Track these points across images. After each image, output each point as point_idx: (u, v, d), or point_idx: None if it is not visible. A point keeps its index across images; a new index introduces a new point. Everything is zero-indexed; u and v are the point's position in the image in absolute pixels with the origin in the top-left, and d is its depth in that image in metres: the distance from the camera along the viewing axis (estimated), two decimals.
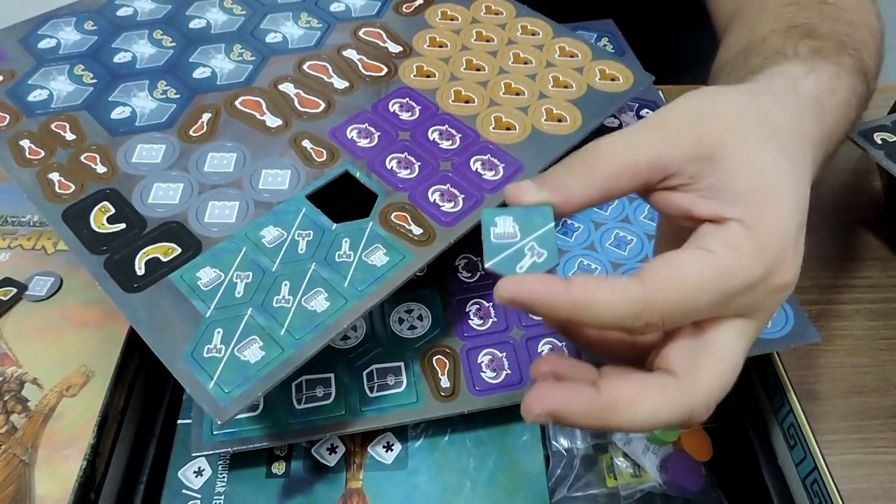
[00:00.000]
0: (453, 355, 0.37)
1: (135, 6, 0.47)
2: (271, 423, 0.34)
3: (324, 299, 0.31)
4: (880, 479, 0.41)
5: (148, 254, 0.34)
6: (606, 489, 0.38)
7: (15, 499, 0.36)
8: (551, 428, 0.38)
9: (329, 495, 0.35)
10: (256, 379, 0.29)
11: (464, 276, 0.41)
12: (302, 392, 0.36)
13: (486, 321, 0.39)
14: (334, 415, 0.35)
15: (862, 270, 0.51)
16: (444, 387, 0.36)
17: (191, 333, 0.31)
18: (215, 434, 0.34)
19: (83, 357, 0.41)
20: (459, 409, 0.35)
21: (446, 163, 0.37)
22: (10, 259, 0.46)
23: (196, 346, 0.30)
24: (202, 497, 0.35)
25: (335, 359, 0.37)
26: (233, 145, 0.38)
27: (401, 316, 0.39)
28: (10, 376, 0.40)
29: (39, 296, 0.44)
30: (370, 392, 0.36)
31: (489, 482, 0.36)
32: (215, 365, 0.30)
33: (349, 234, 0.34)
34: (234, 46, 0.44)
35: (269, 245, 0.34)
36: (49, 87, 0.42)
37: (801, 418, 0.34)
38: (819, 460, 0.33)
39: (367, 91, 0.41)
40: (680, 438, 0.38)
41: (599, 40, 0.55)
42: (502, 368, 0.37)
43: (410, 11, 0.47)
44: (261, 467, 0.36)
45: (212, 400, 0.28)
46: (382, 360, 0.37)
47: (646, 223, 0.43)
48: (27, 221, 0.49)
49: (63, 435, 0.38)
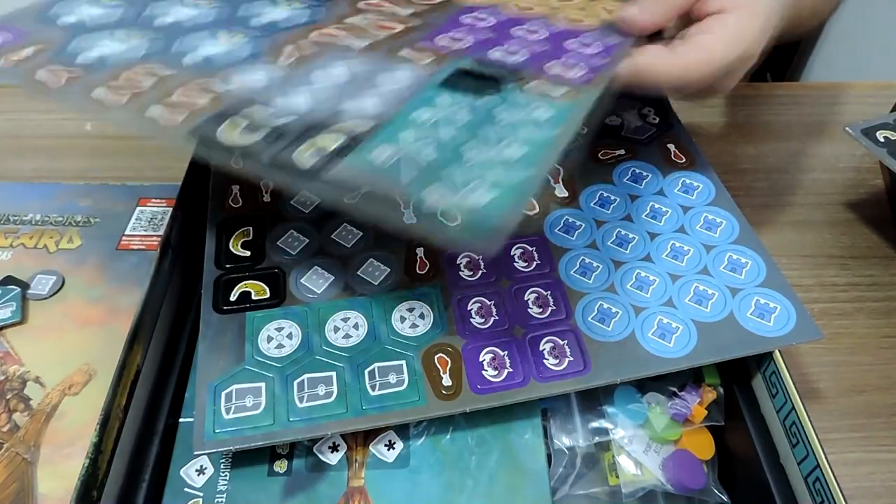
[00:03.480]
0: (455, 354, 0.37)
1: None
2: (273, 421, 0.34)
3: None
4: (882, 478, 0.41)
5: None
6: (608, 487, 0.38)
7: (17, 497, 0.36)
8: (553, 427, 0.38)
9: (331, 494, 0.35)
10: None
11: (465, 275, 0.41)
12: (304, 390, 0.36)
13: (488, 319, 0.38)
14: (336, 413, 0.35)
15: (864, 269, 0.51)
16: (445, 385, 0.36)
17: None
18: (217, 433, 0.34)
19: (85, 356, 0.41)
20: (461, 408, 0.35)
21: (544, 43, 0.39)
22: (12, 258, 0.47)
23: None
24: (204, 495, 0.35)
25: (336, 357, 0.37)
26: (336, 63, 0.37)
27: (402, 314, 0.39)
28: (13, 375, 0.40)
29: (41, 294, 0.44)
30: (372, 391, 0.35)
31: (491, 480, 0.36)
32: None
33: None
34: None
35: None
36: (99, 49, 0.37)
37: (802, 416, 0.34)
38: (821, 458, 0.33)
39: (434, 13, 0.42)
40: (682, 437, 0.38)
41: None
42: (504, 367, 0.36)
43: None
44: (263, 466, 0.36)
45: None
46: (384, 358, 0.37)
47: (647, 221, 0.43)
48: (29, 220, 0.49)
49: (65, 433, 0.38)
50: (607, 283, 0.40)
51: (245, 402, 0.35)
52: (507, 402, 0.35)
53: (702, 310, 0.38)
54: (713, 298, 0.39)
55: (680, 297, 0.39)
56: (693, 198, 0.44)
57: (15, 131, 0.60)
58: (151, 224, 0.49)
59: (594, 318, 0.38)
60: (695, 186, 0.45)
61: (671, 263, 0.41)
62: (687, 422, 0.38)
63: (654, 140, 0.48)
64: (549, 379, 0.36)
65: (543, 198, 0.44)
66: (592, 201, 0.44)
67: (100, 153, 0.59)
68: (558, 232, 0.42)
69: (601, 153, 0.47)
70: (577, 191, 0.45)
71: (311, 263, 0.41)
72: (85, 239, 0.48)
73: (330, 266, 0.41)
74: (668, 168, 0.46)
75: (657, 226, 0.43)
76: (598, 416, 0.39)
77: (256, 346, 0.37)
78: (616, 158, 0.47)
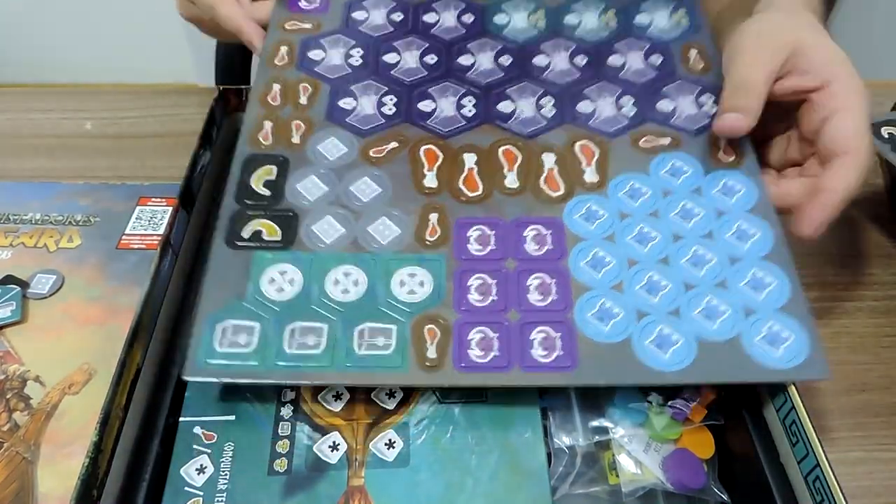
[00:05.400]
0: (445, 327, 0.37)
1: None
2: (260, 362, 0.35)
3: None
4: (882, 477, 0.41)
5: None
6: (608, 486, 0.38)
7: (18, 496, 0.36)
8: (553, 426, 0.38)
9: (331, 493, 0.35)
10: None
11: (474, 248, 0.40)
12: (295, 337, 0.36)
13: (486, 298, 0.38)
14: (320, 365, 0.35)
15: (865, 267, 0.51)
16: (429, 357, 0.36)
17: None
18: (208, 363, 0.35)
19: (85, 355, 0.41)
20: (440, 382, 0.35)
21: None
22: (12, 257, 0.47)
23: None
24: (204, 494, 0.35)
25: (332, 310, 0.37)
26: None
27: (402, 279, 0.38)
28: (13, 374, 0.41)
29: (41, 294, 0.44)
30: (358, 349, 0.36)
31: (491, 479, 0.36)
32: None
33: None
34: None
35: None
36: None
37: (802, 415, 0.34)
38: (821, 458, 0.33)
39: None
40: (682, 436, 0.38)
41: (675, 12, 0.52)
42: (490, 349, 0.36)
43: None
44: (263, 464, 0.36)
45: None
46: (376, 319, 0.37)
47: (675, 221, 0.40)
48: (29, 219, 0.49)
49: (65, 432, 0.38)
50: (615, 280, 0.38)
51: (238, 338, 0.36)
52: (487, 385, 0.36)
53: (708, 326, 0.36)
54: (724, 316, 0.36)
55: (689, 309, 0.37)
56: (731, 201, 0.41)
57: (15, 131, 0.60)
58: (151, 223, 0.49)
59: (593, 316, 0.37)
60: (736, 189, 0.41)
61: (689, 271, 0.38)
62: (687, 421, 0.38)
63: (704, 132, 0.44)
64: (533, 369, 0.35)
65: (570, 179, 0.43)
66: (622, 191, 0.42)
67: (100, 153, 0.59)
68: (577, 218, 0.41)
69: (643, 139, 0.44)
70: (607, 177, 0.42)
71: (326, 212, 0.41)
72: (85, 238, 0.48)
73: (343, 217, 0.41)
74: (712, 165, 0.43)
75: (684, 227, 0.40)
76: (598, 415, 0.39)
77: (258, 285, 0.38)
78: (658, 147, 0.44)
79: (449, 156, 0.44)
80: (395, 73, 0.48)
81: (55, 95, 0.64)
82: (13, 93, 0.64)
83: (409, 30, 0.51)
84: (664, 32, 0.50)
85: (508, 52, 0.50)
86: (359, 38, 0.50)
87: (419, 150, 0.44)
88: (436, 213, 0.41)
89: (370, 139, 0.44)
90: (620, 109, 0.46)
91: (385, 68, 0.48)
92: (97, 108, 0.62)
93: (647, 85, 0.47)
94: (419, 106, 0.46)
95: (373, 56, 0.49)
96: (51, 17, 1.67)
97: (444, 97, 0.47)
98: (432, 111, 0.46)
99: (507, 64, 0.49)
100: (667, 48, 0.49)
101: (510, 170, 0.43)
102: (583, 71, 0.49)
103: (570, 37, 0.51)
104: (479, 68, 0.49)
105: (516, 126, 0.45)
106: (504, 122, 0.46)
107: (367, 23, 0.51)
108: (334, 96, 0.47)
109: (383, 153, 0.44)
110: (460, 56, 0.49)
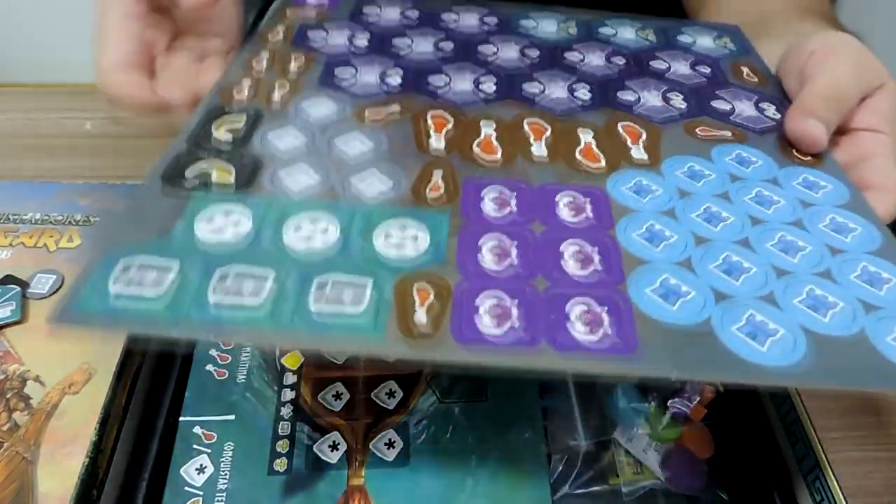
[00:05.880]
0: (442, 288, 0.28)
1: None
2: (166, 307, 0.26)
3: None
4: (882, 476, 0.41)
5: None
6: (608, 486, 0.38)
7: (18, 496, 0.36)
8: (553, 426, 0.38)
9: (331, 493, 0.35)
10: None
11: (489, 208, 0.32)
12: (224, 283, 0.27)
13: (502, 262, 0.29)
14: (253, 317, 0.26)
15: None
16: (417, 322, 0.26)
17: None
18: (90, 306, 0.26)
19: (85, 355, 0.41)
20: (431, 355, 0.25)
21: None
22: (12, 257, 0.47)
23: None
24: (204, 494, 0.35)
25: (284, 257, 0.28)
26: None
27: (389, 231, 0.29)
28: (13, 374, 0.40)
29: (41, 293, 0.44)
30: (314, 304, 0.26)
31: (491, 479, 0.36)
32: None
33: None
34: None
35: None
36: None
37: (802, 415, 0.34)
38: (821, 457, 0.33)
39: None
40: (682, 436, 0.38)
41: (720, 38, 0.48)
42: (507, 318, 0.27)
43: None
44: (263, 464, 0.36)
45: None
46: (345, 271, 0.28)
47: (750, 205, 0.34)
48: (29, 219, 0.49)
49: (65, 432, 0.38)
50: (682, 256, 0.31)
51: (143, 279, 0.26)
52: (502, 364, 0.26)
53: (817, 318, 0.29)
54: (836, 308, 0.29)
55: (786, 296, 0.30)
56: (818, 195, 0.35)
57: (15, 131, 0.60)
58: None
59: (654, 292, 0.29)
60: (821, 185, 0.36)
61: (779, 256, 0.31)
62: (687, 420, 0.38)
63: (773, 132, 0.39)
64: (572, 349, 0.26)
65: (613, 154, 0.36)
66: (679, 170, 0.35)
67: (100, 152, 0.59)
68: (625, 190, 0.34)
69: (699, 129, 0.39)
70: (660, 156, 0.36)
71: (299, 159, 0.33)
72: (85, 238, 0.48)
73: (320, 165, 0.32)
74: (787, 161, 0.37)
75: (764, 212, 0.34)
76: (598, 415, 0.39)
77: (191, 224, 0.29)
78: (718, 137, 0.38)
79: (462, 122, 0.37)
80: (404, 54, 0.42)
81: (55, 95, 0.64)
82: (13, 93, 0.64)
83: (425, 23, 0.46)
84: (710, 51, 0.46)
85: (536, 48, 0.44)
86: (367, 27, 0.45)
87: (426, 115, 0.37)
88: (440, 169, 0.33)
89: (366, 102, 0.37)
90: (669, 101, 0.40)
91: (393, 49, 0.43)
92: (97, 108, 0.62)
93: (697, 87, 0.42)
94: (430, 79, 0.40)
95: (380, 41, 0.43)
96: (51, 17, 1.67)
97: (459, 75, 0.41)
98: (444, 84, 0.40)
99: (534, 55, 0.43)
100: (715, 62, 0.45)
101: (537, 139, 0.36)
102: (621, 69, 0.43)
103: (605, 41, 0.46)
104: (503, 57, 0.43)
105: (546, 103, 0.39)
106: (531, 100, 0.39)
107: (377, 16, 0.46)
108: (330, 66, 0.40)
109: (381, 115, 0.36)
110: (481, 45, 0.44)
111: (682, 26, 0.48)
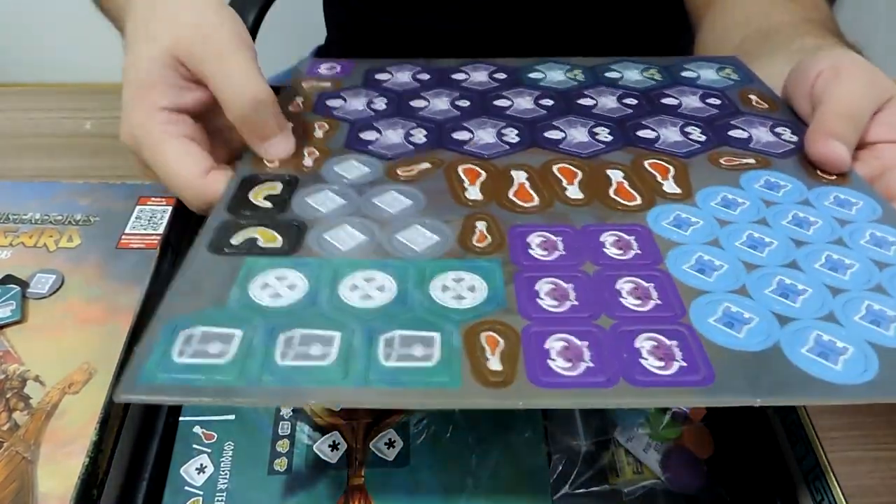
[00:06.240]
0: (510, 334, 0.28)
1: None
2: (238, 375, 0.26)
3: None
4: (883, 476, 0.41)
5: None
6: (608, 486, 0.38)
7: (17, 496, 0.36)
8: (553, 426, 0.38)
9: (331, 492, 0.35)
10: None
11: (537, 254, 0.33)
12: (292, 346, 0.27)
13: (563, 303, 0.30)
14: (327, 378, 0.26)
15: None
16: (492, 370, 0.27)
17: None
18: (158, 377, 0.26)
19: (85, 354, 0.41)
20: (513, 401, 0.26)
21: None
22: (12, 257, 0.47)
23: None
24: (204, 493, 0.35)
25: (347, 316, 0.28)
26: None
27: (445, 283, 0.30)
28: (13, 374, 0.40)
29: (41, 293, 0.44)
30: (385, 360, 0.27)
31: (491, 479, 0.36)
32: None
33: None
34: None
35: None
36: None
37: (802, 415, 0.34)
38: (821, 457, 0.33)
39: None
40: (682, 435, 0.38)
41: (722, 69, 0.50)
42: (580, 359, 0.27)
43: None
44: (263, 464, 0.36)
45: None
46: (411, 326, 0.28)
47: (790, 228, 0.35)
48: (29, 219, 0.49)
49: (65, 432, 0.38)
50: (736, 284, 0.31)
51: (208, 347, 0.27)
52: (584, 404, 0.28)
53: (881, 332, 0.29)
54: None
55: (846, 314, 0.30)
56: (852, 213, 0.36)
57: (15, 131, 0.60)
58: (151, 223, 0.49)
59: (717, 321, 0.30)
60: (852, 202, 0.36)
61: (829, 275, 0.32)
62: (687, 420, 0.38)
63: (794, 154, 0.40)
64: (651, 384, 0.27)
65: (647, 190, 0.37)
66: (713, 201, 0.37)
67: (100, 152, 0.59)
68: (666, 224, 0.35)
69: (724, 159, 0.40)
70: (692, 189, 0.37)
71: (342, 221, 0.34)
72: (84, 238, 0.48)
73: (364, 226, 0.34)
74: (814, 182, 0.38)
75: (804, 234, 0.35)
76: (598, 415, 0.39)
77: (245, 290, 0.29)
78: (743, 165, 0.39)
79: (494, 173, 0.38)
80: (423, 113, 0.45)
81: (55, 95, 0.64)
82: (13, 93, 0.64)
83: (437, 83, 0.48)
84: (714, 83, 0.48)
85: (548, 97, 0.46)
86: (382, 91, 0.47)
87: (457, 169, 0.39)
88: (483, 221, 0.34)
89: (397, 161, 0.39)
90: (688, 135, 0.42)
91: (412, 111, 0.45)
92: (97, 108, 0.62)
93: (711, 119, 0.44)
94: (454, 135, 0.42)
95: (398, 103, 0.46)
96: (51, 17, 1.67)
97: (482, 128, 0.43)
98: (469, 139, 0.42)
99: (548, 104, 0.45)
100: (722, 93, 0.47)
101: (570, 183, 0.38)
102: (635, 109, 0.45)
103: (613, 84, 0.48)
104: (519, 108, 0.45)
105: (570, 147, 0.41)
106: (555, 146, 0.41)
107: (390, 81, 0.49)
108: (354, 130, 0.43)
109: (413, 172, 0.38)
110: (496, 100, 0.46)
111: (684, 62, 0.51)
